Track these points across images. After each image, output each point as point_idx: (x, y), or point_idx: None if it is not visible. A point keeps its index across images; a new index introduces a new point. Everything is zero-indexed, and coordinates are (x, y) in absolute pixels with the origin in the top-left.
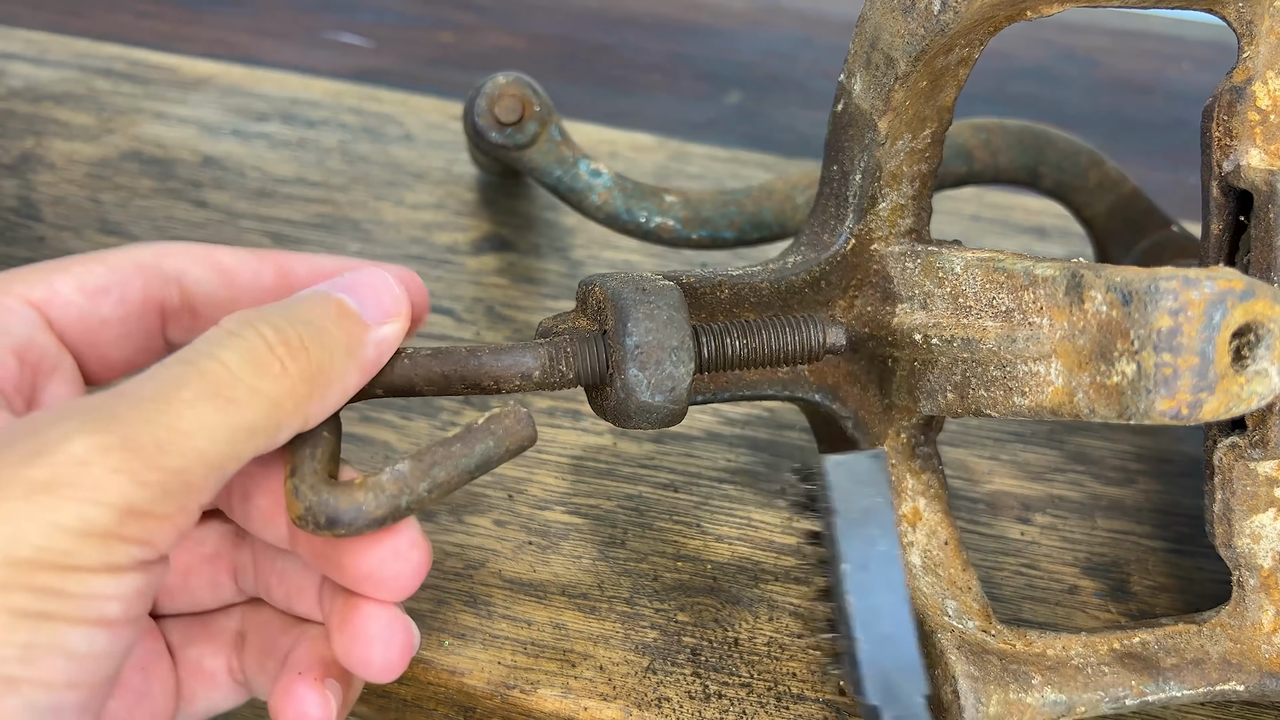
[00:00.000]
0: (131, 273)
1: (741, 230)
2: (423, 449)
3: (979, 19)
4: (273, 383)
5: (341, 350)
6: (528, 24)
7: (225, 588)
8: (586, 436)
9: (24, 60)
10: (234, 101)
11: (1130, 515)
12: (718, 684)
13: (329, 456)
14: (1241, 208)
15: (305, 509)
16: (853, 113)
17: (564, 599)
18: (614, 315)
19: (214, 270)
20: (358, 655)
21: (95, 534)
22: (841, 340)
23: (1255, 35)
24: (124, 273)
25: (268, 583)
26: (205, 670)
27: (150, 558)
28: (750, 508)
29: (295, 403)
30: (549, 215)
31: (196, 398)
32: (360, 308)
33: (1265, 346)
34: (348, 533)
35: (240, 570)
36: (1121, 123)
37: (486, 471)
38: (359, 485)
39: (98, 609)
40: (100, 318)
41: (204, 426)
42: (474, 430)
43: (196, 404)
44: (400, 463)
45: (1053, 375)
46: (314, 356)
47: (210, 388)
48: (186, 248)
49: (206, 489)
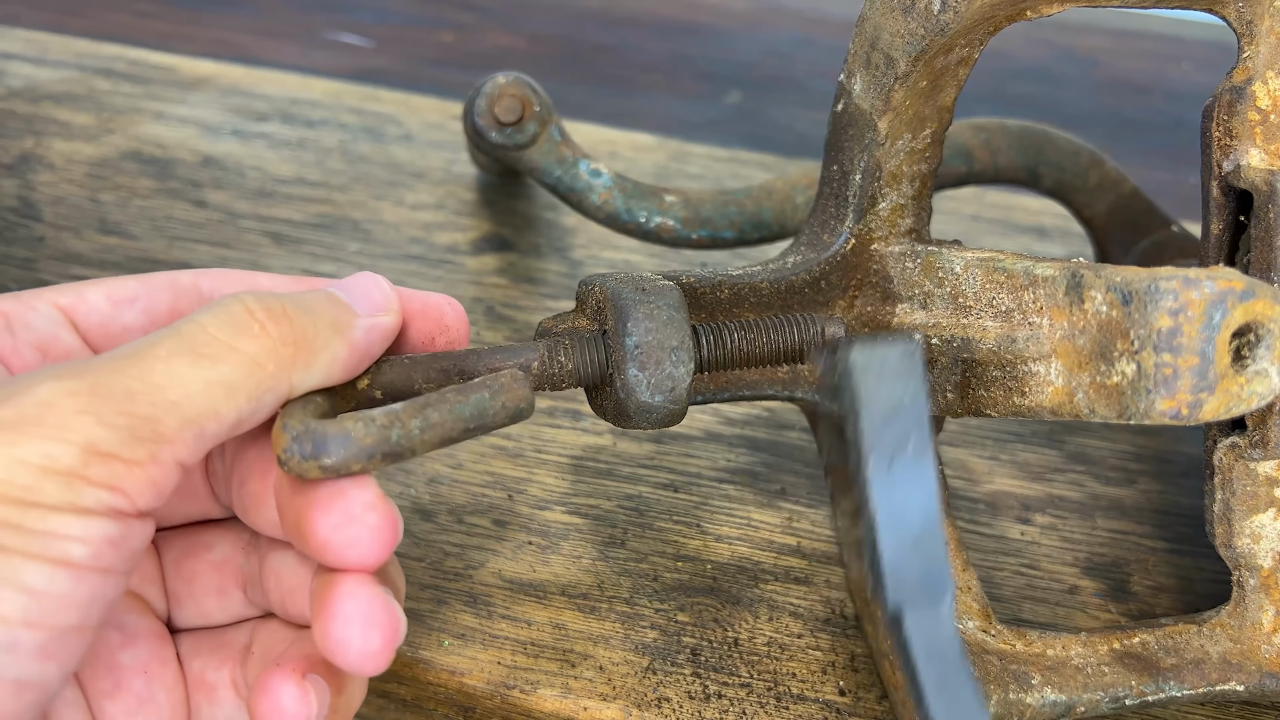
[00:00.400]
0: (162, 287)
1: (741, 230)
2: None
3: (979, 19)
4: (252, 342)
5: (327, 324)
6: (528, 24)
7: (234, 599)
8: (586, 436)
9: (24, 60)
10: (234, 101)
11: (1130, 515)
12: (718, 684)
13: (320, 414)
14: (1241, 208)
15: (291, 439)
16: (853, 113)
17: (564, 599)
18: (614, 315)
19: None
20: (335, 637)
21: (58, 471)
22: (842, 336)
23: (1255, 35)
24: (154, 287)
25: (268, 587)
26: (207, 683)
27: (122, 506)
28: (750, 508)
29: (277, 364)
30: (549, 215)
31: (170, 353)
32: (350, 299)
33: (1265, 346)
34: (334, 464)
35: (249, 581)
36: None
37: (482, 428)
38: (348, 416)
39: (59, 548)
40: (123, 324)
41: (177, 380)
42: (470, 384)
43: (170, 359)
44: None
45: (1053, 375)
46: (297, 324)
47: (185, 345)
48: (228, 272)
49: (182, 442)
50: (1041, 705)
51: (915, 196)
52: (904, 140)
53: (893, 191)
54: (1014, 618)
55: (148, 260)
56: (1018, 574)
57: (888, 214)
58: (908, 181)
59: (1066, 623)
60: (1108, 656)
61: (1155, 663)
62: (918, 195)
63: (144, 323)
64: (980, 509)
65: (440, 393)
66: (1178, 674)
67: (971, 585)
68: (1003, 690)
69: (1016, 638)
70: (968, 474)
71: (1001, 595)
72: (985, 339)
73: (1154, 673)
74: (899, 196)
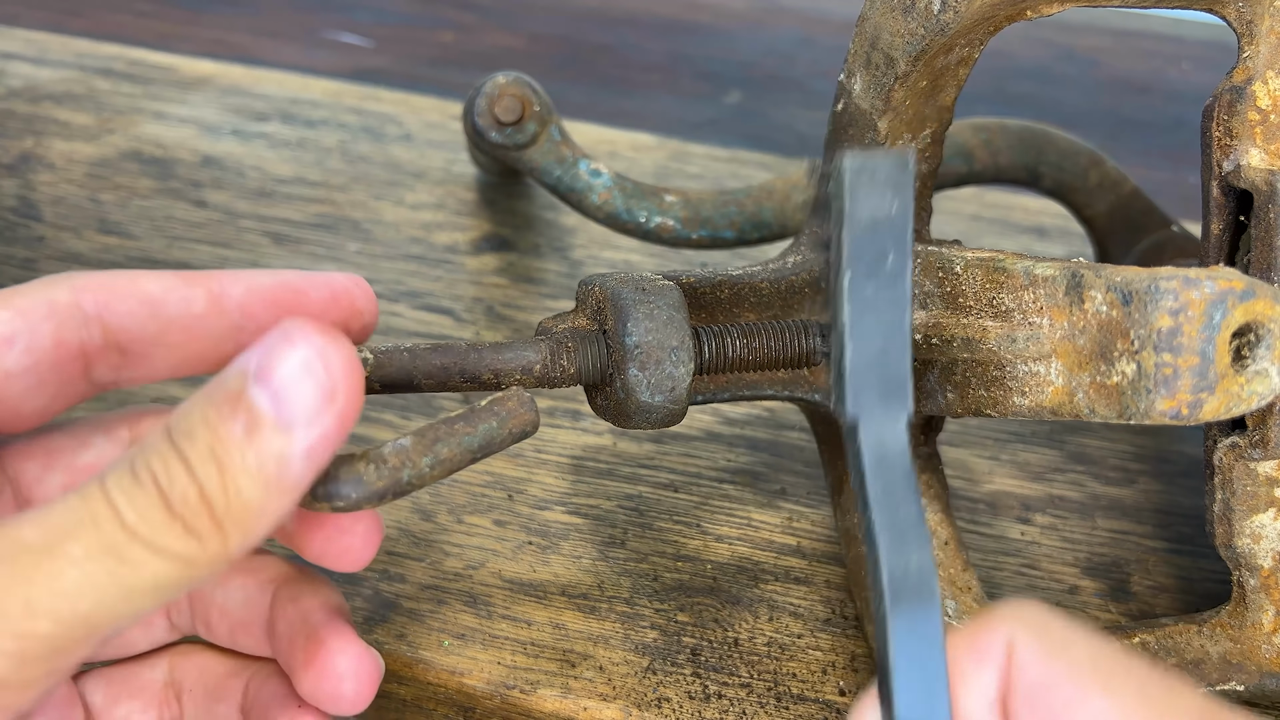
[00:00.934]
0: (41, 317)
1: (741, 230)
2: (425, 426)
3: (979, 19)
4: (177, 541)
5: (258, 485)
6: (528, 24)
7: (157, 626)
8: (586, 436)
9: (24, 60)
10: (234, 101)
11: (1130, 515)
12: (718, 684)
13: None
14: (1241, 207)
15: None
16: (853, 112)
17: (564, 599)
18: (614, 315)
19: (139, 302)
20: (327, 692)
21: None
22: None
23: (1255, 35)
24: (32, 318)
25: (207, 618)
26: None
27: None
28: (750, 508)
29: (209, 556)
30: (549, 215)
31: (85, 555)
32: (276, 409)
33: (1265, 346)
34: (347, 506)
35: (175, 606)
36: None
37: (489, 454)
38: (360, 457)
39: None
40: (4, 370)
41: (91, 587)
42: (477, 410)
43: (84, 563)
44: (402, 437)
45: (1053, 375)
46: (221, 506)
47: (103, 543)
48: (108, 279)
49: (88, 646)
50: None
51: (915, 196)
52: (904, 140)
53: None
54: None
55: (148, 260)
56: (1018, 574)
57: None
58: None
59: None
60: None
61: (1155, 663)
62: (918, 195)
63: (29, 363)
64: (980, 509)
65: (448, 423)
66: (1178, 674)
67: (971, 585)
68: None
69: None
70: (968, 474)
71: (1001, 595)
72: (985, 339)
73: None
74: None
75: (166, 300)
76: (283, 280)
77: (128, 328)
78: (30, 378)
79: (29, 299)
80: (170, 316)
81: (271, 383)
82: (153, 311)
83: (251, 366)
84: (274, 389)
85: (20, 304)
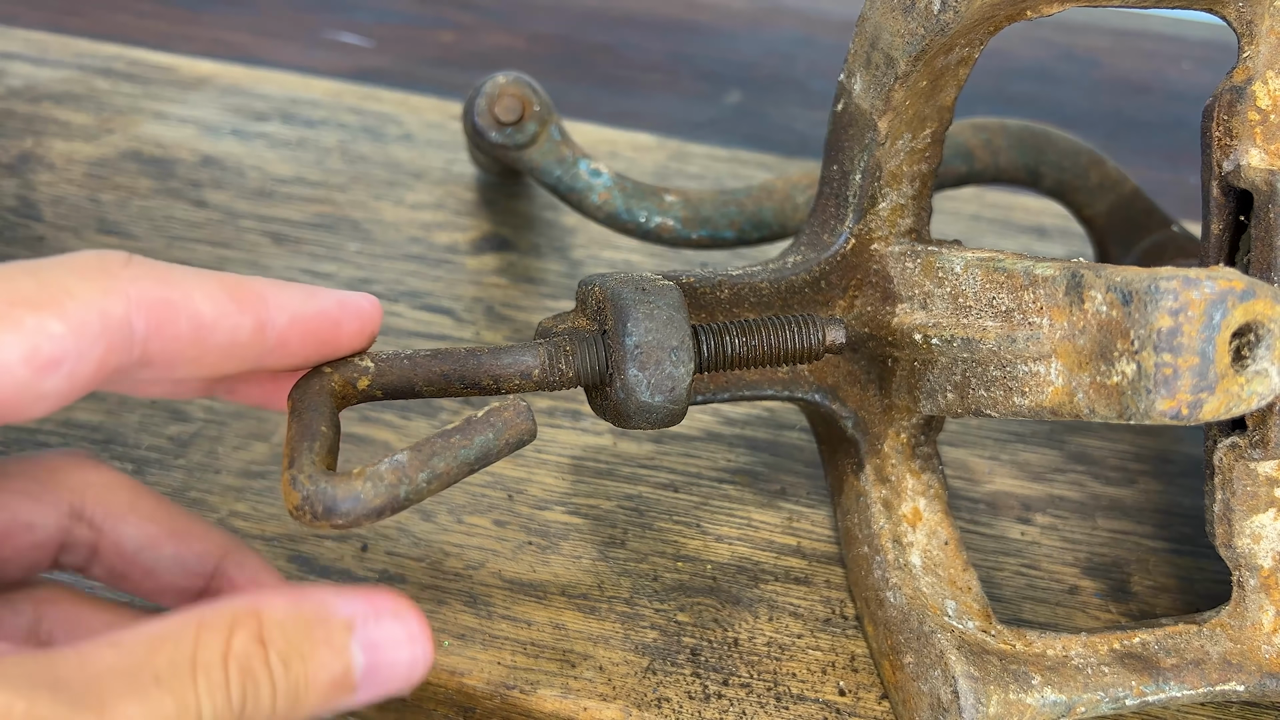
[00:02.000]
0: (93, 338)
1: (741, 230)
2: (422, 440)
3: (979, 19)
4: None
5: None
6: (528, 24)
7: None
8: (586, 436)
9: (24, 60)
10: (233, 101)
11: (1131, 515)
12: (718, 684)
13: (326, 450)
14: (1242, 207)
15: (303, 499)
16: (853, 112)
17: (564, 599)
18: (614, 315)
19: (190, 328)
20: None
21: None
22: (842, 338)
23: (1255, 35)
24: (84, 338)
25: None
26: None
27: None
28: (750, 508)
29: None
30: (549, 215)
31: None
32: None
33: (1265, 346)
34: (345, 523)
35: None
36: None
37: (486, 464)
38: (357, 475)
39: None
40: (38, 394)
41: None
42: (474, 423)
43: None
44: (399, 453)
45: (1053, 375)
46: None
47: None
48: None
49: None
50: (1041, 705)
51: (915, 196)
52: (904, 140)
53: (893, 191)
54: (1014, 618)
55: None
56: (1018, 574)
57: (888, 214)
58: (908, 181)
59: (1066, 623)
60: (1108, 657)
61: (1155, 663)
62: (918, 195)
63: (64, 389)
64: (980, 509)
65: (445, 436)
66: (1178, 674)
67: (971, 585)
68: (1002, 690)
69: (1016, 638)
70: (968, 474)
71: (1002, 595)
72: (985, 339)
73: (1154, 673)
74: (899, 196)
75: (216, 327)
76: (323, 311)
77: (168, 352)
78: (53, 401)
79: (85, 309)
80: (213, 344)
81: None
82: (199, 338)
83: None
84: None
85: (77, 316)
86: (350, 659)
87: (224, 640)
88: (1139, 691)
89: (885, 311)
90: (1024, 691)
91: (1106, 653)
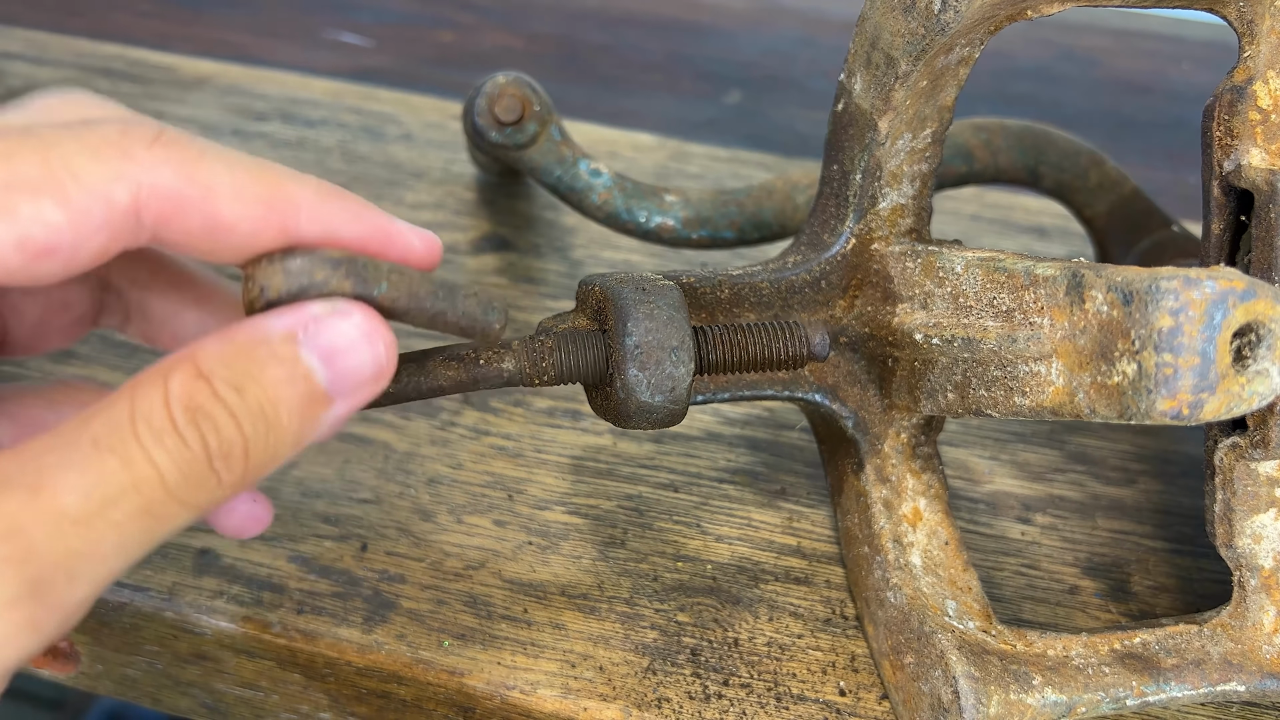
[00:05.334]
0: (95, 228)
1: (741, 230)
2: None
3: (979, 18)
4: (205, 495)
5: (289, 443)
6: (527, 24)
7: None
8: (586, 436)
9: (24, 60)
10: (233, 101)
11: (1131, 515)
12: (718, 684)
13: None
14: (1242, 207)
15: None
16: (853, 112)
17: (564, 599)
18: (614, 315)
19: (203, 225)
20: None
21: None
22: (825, 350)
23: (1256, 35)
24: (86, 227)
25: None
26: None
27: None
28: (750, 508)
29: (224, 498)
30: (549, 215)
31: (126, 518)
32: (330, 380)
33: (1266, 346)
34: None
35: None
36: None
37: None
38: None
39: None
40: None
41: (126, 547)
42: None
43: (125, 524)
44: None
45: (1053, 375)
46: (255, 460)
47: (142, 504)
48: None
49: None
50: (1042, 705)
51: (915, 196)
52: (904, 140)
53: (893, 191)
54: (1014, 618)
55: None
56: (1018, 574)
57: (888, 214)
58: (908, 181)
59: (1067, 623)
60: (1108, 657)
61: (1156, 663)
62: (918, 195)
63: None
64: (980, 509)
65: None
66: (1178, 674)
67: (972, 585)
68: (1003, 690)
69: (1017, 638)
70: (968, 474)
71: (1002, 595)
72: (985, 339)
73: (1154, 673)
74: (899, 196)
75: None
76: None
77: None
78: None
79: (88, 196)
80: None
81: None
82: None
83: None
84: (332, 362)
85: (79, 203)
86: (305, 366)
87: (160, 389)
88: (1139, 692)
89: (886, 311)
90: (1024, 692)
91: (1107, 653)
